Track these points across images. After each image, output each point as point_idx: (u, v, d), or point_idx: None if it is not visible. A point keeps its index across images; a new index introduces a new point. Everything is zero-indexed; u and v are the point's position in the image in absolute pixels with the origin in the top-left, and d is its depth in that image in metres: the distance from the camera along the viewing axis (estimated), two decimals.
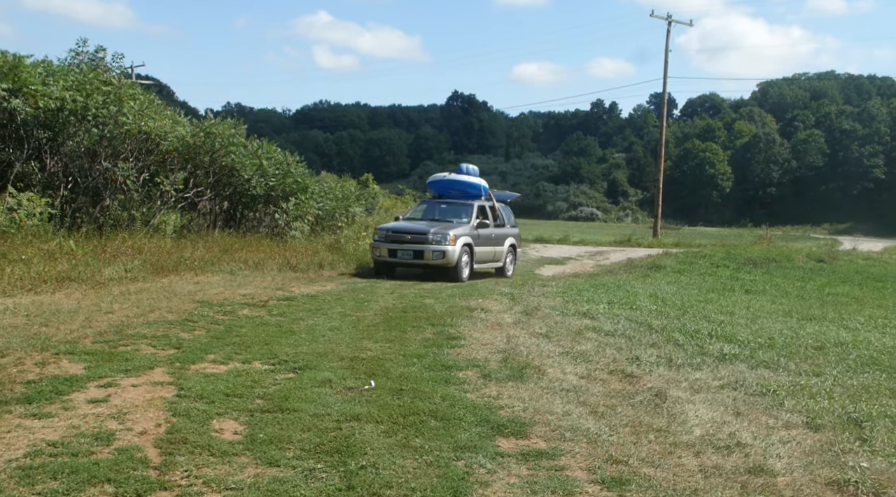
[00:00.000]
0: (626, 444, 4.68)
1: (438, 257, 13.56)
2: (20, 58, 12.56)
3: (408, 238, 13.82)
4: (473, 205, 15.05)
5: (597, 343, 7.76)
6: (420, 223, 14.69)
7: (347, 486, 3.79)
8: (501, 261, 15.69)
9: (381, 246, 14.01)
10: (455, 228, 14.03)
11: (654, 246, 29.00)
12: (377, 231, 14.52)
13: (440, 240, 13.60)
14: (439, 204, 15.73)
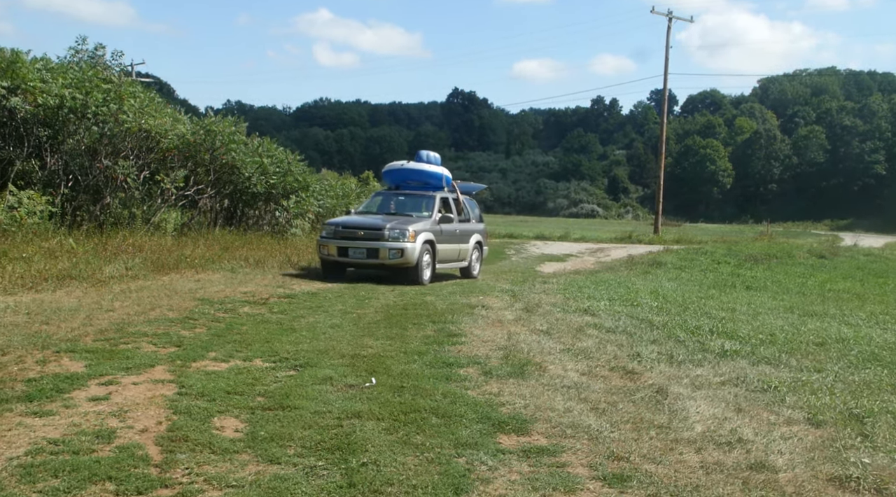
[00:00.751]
0: (628, 440, 4.67)
1: (395, 256, 12.08)
2: (18, 53, 12.55)
3: (360, 234, 12.27)
4: (435, 197, 13.60)
5: (598, 340, 7.75)
6: (375, 217, 13.15)
7: (349, 484, 3.79)
8: (467, 260, 14.18)
9: (330, 243, 12.42)
10: (415, 223, 12.54)
11: (654, 243, 28.99)
12: (325, 226, 12.88)
13: (398, 236, 12.12)
14: (396, 196, 14.16)
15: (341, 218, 13.38)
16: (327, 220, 13.34)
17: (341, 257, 12.35)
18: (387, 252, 12.08)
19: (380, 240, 12.15)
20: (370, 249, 12.16)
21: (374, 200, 14.48)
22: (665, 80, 36.78)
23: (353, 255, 12.29)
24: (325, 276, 12.37)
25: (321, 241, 12.65)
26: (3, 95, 11.67)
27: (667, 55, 36.24)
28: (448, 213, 13.64)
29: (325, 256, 12.55)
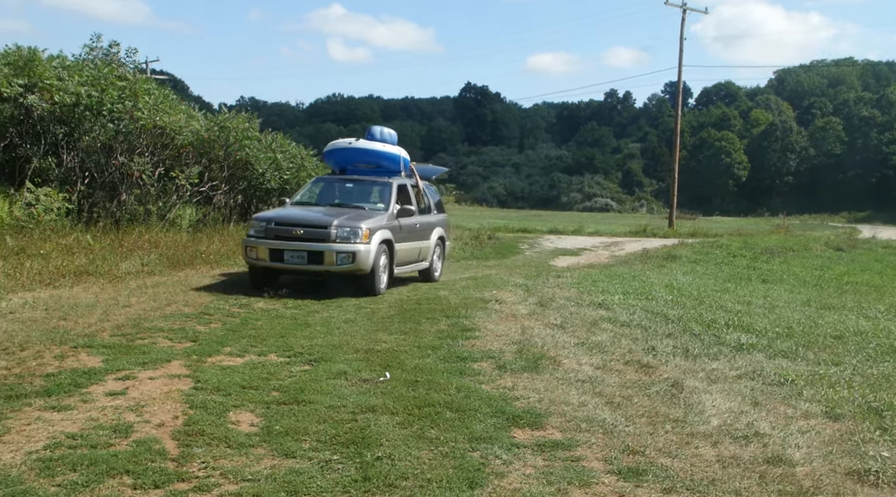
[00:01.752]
0: (643, 434, 4.65)
1: (345, 261, 9.54)
2: (35, 51, 12.66)
3: (299, 233, 9.62)
4: (392, 184, 11.08)
5: (612, 334, 7.72)
6: (316, 210, 10.60)
7: (363, 478, 3.80)
8: (428, 259, 11.83)
9: (259, 245, 9.70)
10: (368, 219, 10.06)
11: (669, 236, 28.81)
12: (253, 222, 10.15)
13: (348, 235, 9.61)
14: (343, 183, 11.62)
15: (273, 211, 10.70)
16: (256, 215, 10.61)
17: (274, 262, 9.67)
18: (334, 256, 9.49)
19: (325, 240, 9.55)
20: (312, 253, 9.55)
21: (314, 188, 11.74)
22: (679, 73, 36.50)
23: (290, 260, 9.61)
24: (252, 285, 9.83)
25: (248, 242, 9.86)
26: (20, 93, 11.78)
27: (681, 47, 35.95)
28: (407, 204, 11.11)
29: (253, 261, 9.83)
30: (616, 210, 74.29)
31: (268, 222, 9.87)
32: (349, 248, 9.57)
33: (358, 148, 11.58)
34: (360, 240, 9.64)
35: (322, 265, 9.61)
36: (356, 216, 10.09)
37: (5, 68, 11.85)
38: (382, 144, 11.65)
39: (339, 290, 9.84)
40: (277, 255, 9.62)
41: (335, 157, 11.95)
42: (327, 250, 9.54)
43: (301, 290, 9.96)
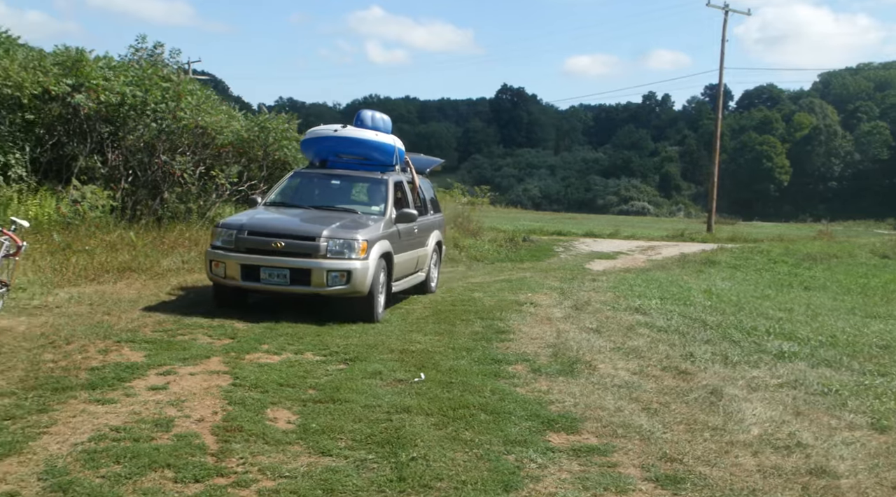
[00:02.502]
0: (681, 441, 4.59)
1: (339, 282, 7.67)
2: (83, 52, 12.98)
3: (279, 245, 7.69)
4: (387, 182, 9.20)
5: (649, 339, 7.63)
6: (298, 216, 8.67)
7: (398, 478, 3.82)
8: (425, 269, 10.05)
9: (229, 259, 7.78)
10: (365, 228, 8.15)
11: (707, 241, 28.35)
12: (219, 230, 8.12)
13: (342, 249, 7.73)
14: (327, 179, 9.55)
15: (245, 215, 8.61)
16: (222, 221, 8.52)
17: (248, 282, 7.78)
18: (324, 275, 7.62)
19: (313, 255, 7.66)
20: (297, 271, 7.65)
21: (291, 185, 9.58)
22: (720, 75, 35.93)
23: (269, 280, 7.72)
24: (217, 304, 8.12)
25: (213, 256, 7.91)
26: (68, 93, 12.09)
27: (722, 49, 35.37)
28: (406, 206, 9.33)
29: (219, 279, 7.91)
30: (653, 214, 73.36)
31: (238, 230, 7.82)
32: (343, 265, 7.63)
33: (345, 137, 9.55)
34: (356, 254, 7.71)
35: (309, 286, 7.65)
36: (350, 224, 8.15)
37: (54, 68, 12.18)
38: (374, 133, 9.63)
39: (330, 314, 7.88)
40: (251, 274, 7.69)
41: (315, 147, 9.89)
42: (316, 268, 7.59)
43: (277, 310, 8.02)
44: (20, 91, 11.10)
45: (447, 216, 21.66)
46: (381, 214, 8.76)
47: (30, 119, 11.67)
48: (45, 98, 11.82)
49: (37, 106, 11.76)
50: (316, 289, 7.73)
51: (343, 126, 9.70)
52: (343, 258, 7.72)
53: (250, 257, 7.74)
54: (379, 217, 8.67)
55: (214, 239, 8.14)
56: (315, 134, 10.00)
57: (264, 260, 7.70)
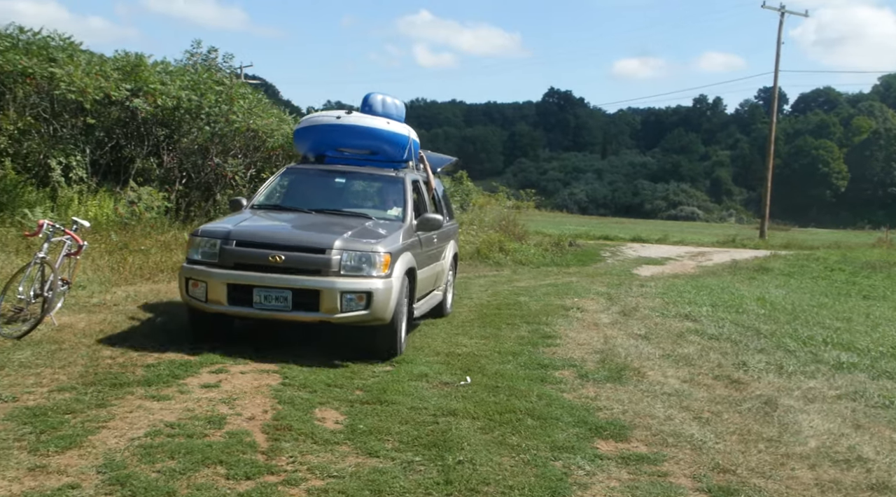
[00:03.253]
0: (734, 452, 4.47)
1: (356, 306, 6.04)
2: (141, 57, 13.39)
3: (278, 260, 6.02)
4: (404, 180, 7.62)
5: (700, 346, 7.47)
6: (295, 221, 7.07)
7: (445, 481, 3.81)
8: (442, 287, 8.41)
9: (211, 277, 6.08)
10: (384, 237, 6.55)
11: (760, 247, 27.67)
12: (198, 240, 6.32)
13: (359, 264, 6.13)
14: (329, 176, 7.89)
15: (230, 221, 6.73)
16: (202, 227, 6.61)
17: (236, 307, 6.07)
18: (337, 298, 5.97)
19: (322, 272, 6.02)
20: (302, 292, 5.99)
21: (283, 184, 7.91)
22: (775, 78, 35.09)
23: (264, 304, 6.02)
24: (194, 338, 6.43)
25: (190, 273, 6.18)
26: (126, 97, 12.47)
27: (778, 51, 34.53)
28: (425, 210, 7.83)
29: (198, 303, 6.17)
30: (703, 219, 71.94)
31: (224, 240, 6.11)
32: (362, 284, 6.01)
33: (350, 125, 7.79)
34: (377, 271, 6.10)
35: (317, 312, 5.98)
36: (366, 232, 6.54)
37: (115, 73, 12.58)
38: (386, 121, 7.89)
39: (333, 349, 6.30)
40: (241, 296, 5.98)
41: (312, 139, 8.07)
42: (327, 288, 5.93)
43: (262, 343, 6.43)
44: (83, 96, 11.49)
45: (492, 219, 21.68)
46: (400, 220, 7.12)
47: (91, 123, 12.07)
48: (105, 102, 12.21)
49: (98, 110, 12.17)
50: (326, 315, 5.97)
51: (348, 112, 7.91)
52: (361, 276, 6.04)
53: (240, 275, 5.96)
54: (397, 224, 7.02)
55: (192, 251, 6.25)
56: (312, 122, 8.14)
57: (258, 278, 5.92)
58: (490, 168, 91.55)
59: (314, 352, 6.32)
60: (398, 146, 7.97)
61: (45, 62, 11.37)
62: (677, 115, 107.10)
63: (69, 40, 12.40)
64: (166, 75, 13.68)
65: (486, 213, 22.64)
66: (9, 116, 10.89)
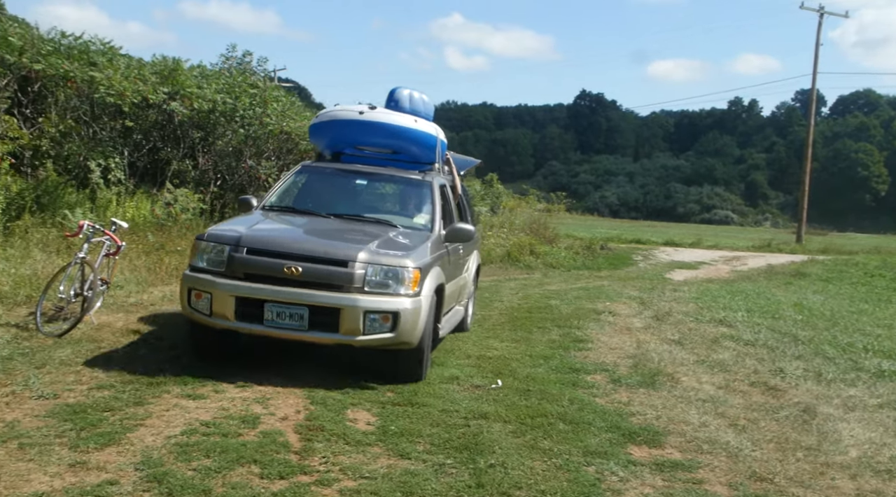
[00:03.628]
0: (771, 460, 4.39)
1: (381, 327, 5.41)
2: (178, 62, 13.63)
3: (294, 272, 5.39)
4: (431, 185, 6.92)
5: (735, 352, 7.35)
6: (312, 227, 6.34)
7: (477, 484, 3.80)
8: (463, 302, 7.72)
9: (217, 288, 5.45)
10: (413, 249, 5.87)
11: (797, 252, 27.14)
12: (203, 244, 5.70)
13: (386, 280, 5.49)
14: (349, 178, 7.15)
15: (240, 223, 6.07)
16: (209, 231, 5.93)
17: (245, 323, 5.43)
18: (360, 318, 5.33)
19: (344, 287, 5.38)
20: (320, 310, 5.34)
21: (298, 184, 7.18)
22: (813, 80, 34.40)
23: (276, 322, 5.38)
24: (198, 354, 5.88)
25: (192, 283, 5.58)
26: (164, 100, 12.69)
27: (816, 53, 33.89)
28: (451, 218, 7.15)
29: (202, 317, 5.54)
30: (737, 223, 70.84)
31: (233, 246, 5.48)
32: (388, 303, 5.36)
33: (374, 122, 7.08)
34: (405, 288, 5.46)
35: (336, 333, 5.33)
36: (392, 243, 5.85)
37: (153, 77, 12.81)
38: (413, 119, 7.18)
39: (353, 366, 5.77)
40: (251, 311, 5.35)
41: (330, 135, 7.39)
42: (349, 307, 5.28)
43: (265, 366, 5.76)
44: (122, 99, 11.72)
45: (522, 222, 21.60)
46: (428, 230, 6.43)
47: (129, 125, 12.31)
48: (143, 105, 12.44)
49: (136, 113, 12.40)
50: (346, 337, 5.32)
51: (371, 107, 7.19)
52: (387, 293, 5.40)
53: (250, 287, 5.33)
54: (424, 234, 6.33)
55: (196, 257, 5.61)
56: (332, 116, 7.37)
57: (271, 292, 5.30)
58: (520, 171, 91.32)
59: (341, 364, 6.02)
60: (425, 147, 7.24)
61: (86, 66, 11.61)
62: (712, 118, 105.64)
63: (109, 45, 12.66)
64: (202, 79, 13.90)
65: (517, 216, 22.57)
66: (51, 119, 11.15)
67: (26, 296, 7.17)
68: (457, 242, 6.68)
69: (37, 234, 9.33)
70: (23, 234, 9.32)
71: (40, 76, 11.09)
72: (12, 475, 3.56)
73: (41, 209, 10.24)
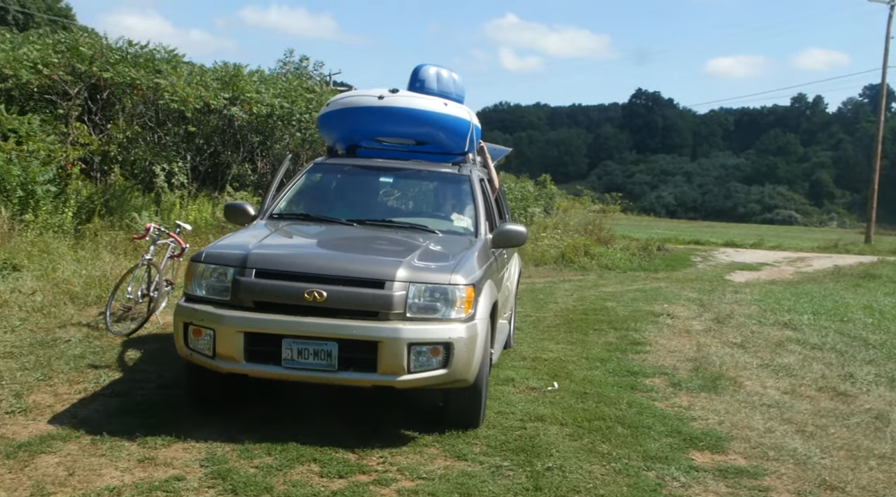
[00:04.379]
0: (842, 468, 4.22)
1: (430, 362, 4.21)
2: (239, 67, 14.00)
3: (317, 298, 4.16)
4: (470, 179, 5.85)
5: (801, 356, 7.11)
6: (332, 238, 5.30)
7: (535, 487, 3.77)
8: (507, 314, 6.48)
9: (220, 323, 4.22)
10: (463, 262, 4.60)
11: (865, 253, 26.10)
12: (202, 267, 4.43)
13: (433, 302, 4.29)
14: (372, 175, 6.06)
15: (247, 236, 4.90)
16: (207, 249, 4.67)
17: (257, 365, 4.25)
18: (403, 353, 4.16)
19: (382, 314, 4.22)
20: (353, 344, 4.17)
21: (310, 185, 6.00)
22: (883, 74, 33.03)
23: (297, 362, 4.19)
24: (194, 401, 4.78)
25: (189, 315, 4.37)
26: (224, 106, 13.04)
27: (886, 46, 32.48)
28: (493, 217, 5.95)
29: (203, 358, 4.34)
30: (801, 223, 68.51)
31: (239, 268, 4.35)
32: (438, 331, 4.23)
33: (395, 108, 5.86)
34: (457, 311, 4.31)
35: (373, 373, 4.18)
36: (433, 254, 4.74)
37: (214, 83, 13.18)
38: (442, 102, 5.97)
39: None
40: (266, 350, 4.22)
41: (346, 125, 6.12)
42: (388, 339, 4.14)
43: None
44: (184, 105, 12.09)
45: (576, 223, 21.36)
46: (472, 234, 5.34)
47: (191, 130, 12.68)
48: (205, 111, 12.80)
49: (198, 118, 12.77)
50: (387, 377, 4.14)
51: (393, 90, 5.95)
52: (436, 319, 4.23)
53: (263, 319, 4.17)
54: (468, 239, 5.24)
55: (192, 283, 4.41)
56: (346, 103, 6.08)
57: (290, 324, 4.13)
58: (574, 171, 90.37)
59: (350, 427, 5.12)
60: (457, 134, 6.01)
61: (151, 73, 12.03)
62: (773, 115, 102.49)
63: (173, 52, 13.08)
64: (261, 84, 14.22)
65: (571, 217, 22.35)
66: (118, 126, 11.58)
67: (96, 296, 7.45)
68: (506, 247, 5.62)
69: (105, 237, 9.69)
70: (93, 236, 9.70)
71: (109, 84, 11.54)
72: (85, 470, 3.70)
73: (109, 212, 10.65)
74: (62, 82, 11.06)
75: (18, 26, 31.98)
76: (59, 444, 4.00)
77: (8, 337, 6.05)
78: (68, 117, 11.08)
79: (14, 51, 11.48)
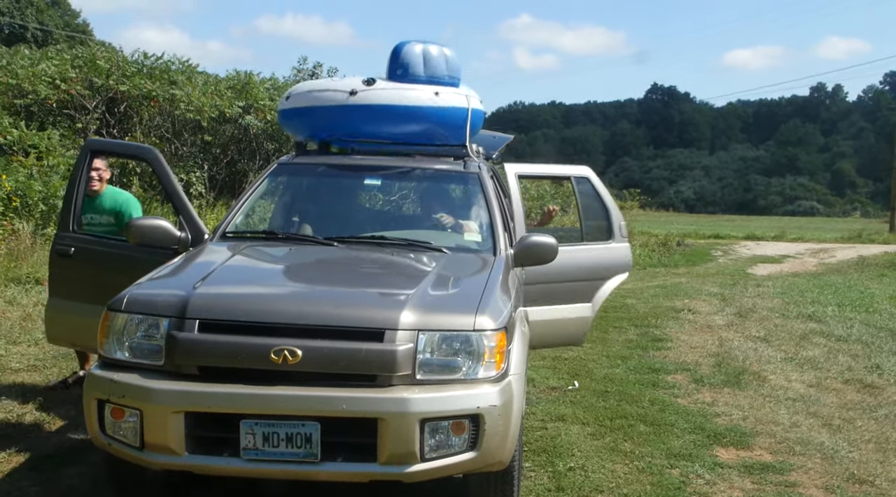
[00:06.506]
0: (871, 462, 4.14)
1: (453, 444, 2.82)
2: (251, 76, 14.12)
3: (289, 358, 2.78)
4: (480, 177, 4.38)
5: (826, 349, 7.00)
6: (307, 268, 3.74)
7: (557, 487, 3.75)
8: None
9: (149, 401, 2.78)
10: (488, 296, 3.10)
11: (890, 242, 25.66)
12: (123, 318, 2.94)
13: (451, 356, 2.89)
14: (352, 177, 4.72)
15: (178, 271, 3.40)
16: (128, 292, 3.03)
17: (205, 456, 2.82)
18: (414, 433, 2.75)
19: (378, 379, 2.82)
20: (340, 423, 2.76)
21: (272, 193, 4.91)
22: None
23: (262, 451, 2.76)
24: (115, 492, 3.33)
25: (108, 389, 2.86)
26: (239, 114, 13.15)
27: None
28: (507, 223, 4.36)
29: (126, 448, 2.87)
30: (823, 214, 67.62)
31: (175, 318, 2.91)
32: (462, 398, 2.85)
33: (372, 106, 4.55)
34: (486, 367, 2.93)
35: (372, 463, 2.80)
36: (445, 282, 3.42)
37: (228, 92, 13.31)
38: (432, 90, 4.64)
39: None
40: (217, 437, 2.86)
41: (310, 124, 4.85)
42: (393, 413, 2.77)
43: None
44: (200, 114, 12.21)
45: None
46: (490, 250, 3.99)
47: (208, 140, 12.81)
48: (220, 120, 12.92)
49: (213, 127, 12.89)
50: (392, 469, 2.82)
51: (368, 82, 4.60)
52: (457, 381, 2.92)
53: (211, 393, 2.83)
54: (485, 257, 3.88)
55: (109, 342, 3.01)
56: (308, 102, 4.73)
57: (250, 398, 2.80)
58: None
59: None
60: (456, 127, 4.66)
61: (167, 84, 12.17)
62: (793, 106, 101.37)
63: (187, 63, 13.22)
64: (274, 91, 14.32)
65: None
66: (136, 138, 11.73)
67: None
68: (531, 265, 4.04)
69: None
70: None
71: (126, 97, 11.70)
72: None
73: None
74: (80, 96, 11.23)
75: (37, 43, 32.50)
76: (84, 455, 4.03)
77: (31, 350, 6.13)
78: (87, 131, 11.24)
79: (33, 67, 11.67)
